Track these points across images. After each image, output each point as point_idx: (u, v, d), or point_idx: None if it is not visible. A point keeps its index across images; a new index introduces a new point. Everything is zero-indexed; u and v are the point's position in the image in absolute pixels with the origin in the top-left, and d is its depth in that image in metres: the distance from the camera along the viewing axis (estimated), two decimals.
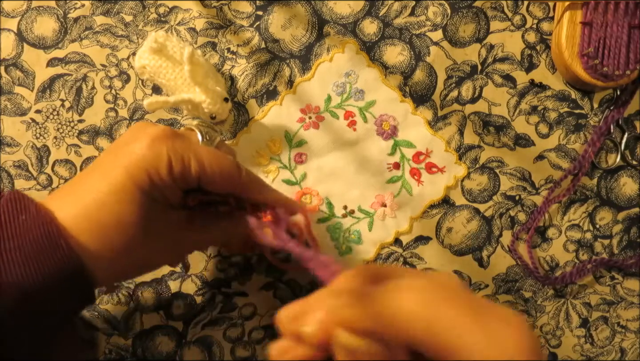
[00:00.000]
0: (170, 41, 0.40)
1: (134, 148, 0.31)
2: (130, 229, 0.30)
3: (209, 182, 0.32)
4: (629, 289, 0.47)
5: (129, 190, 0.30)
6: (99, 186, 0.30)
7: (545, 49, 0.45)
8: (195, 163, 0.31)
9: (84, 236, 0.28)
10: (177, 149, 0.31)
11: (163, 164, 0.30)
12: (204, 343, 0.45)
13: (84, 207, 0.29)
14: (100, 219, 0.29)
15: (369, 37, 0.44)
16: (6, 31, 0.42)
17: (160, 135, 0.31)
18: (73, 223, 0.28)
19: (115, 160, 0.31)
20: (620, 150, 0.46)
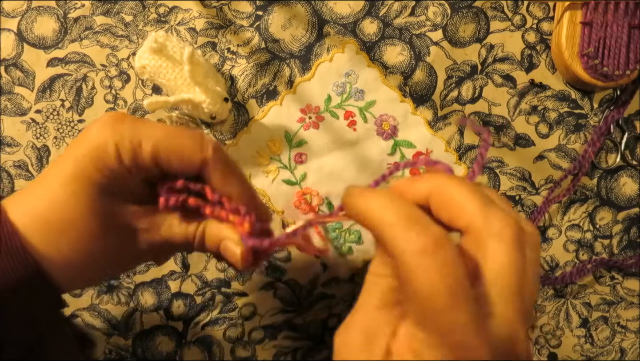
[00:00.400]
0: (170, 41, 0.40)
1: (85, 139, 0.28)
2: (82, 226, 0.27)
3: (167, 165, 0.28)
4: (629, 289, 0.47)
5: (79, 182, 0.27)
6: (51, 179, 0.27)
7: (545, 49, 0.45)
8: (148, 144, 0.27)
9: (34, 236, 0.26)
10: (125, 132, 0.27)
11: (110, 151, 0.27)
12: (204, 343, 0.45)
13: (34, 204, 0.27)
14: (49, 217, 0.27)
15: (369, 37, 0.44)
16: (6, 31, 0.42)
17: (107, 120, 0.28)
18: (24, 222, 0.26)
19: (70, 150, 0.28)
20: (620, 150, 0.46)
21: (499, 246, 0.22)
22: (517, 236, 0.22)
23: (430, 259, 0.21)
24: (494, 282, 0.22)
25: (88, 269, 0.29)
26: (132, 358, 0.45)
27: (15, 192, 0.30)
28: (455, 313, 0.20)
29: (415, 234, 0.21)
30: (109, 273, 0.34)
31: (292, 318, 0.45)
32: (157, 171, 0.28)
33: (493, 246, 0.22)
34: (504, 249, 0.22)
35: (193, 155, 0.28)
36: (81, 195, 0.27)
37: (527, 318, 0.23)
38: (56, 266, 0.27)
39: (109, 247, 0.28)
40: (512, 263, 0.22)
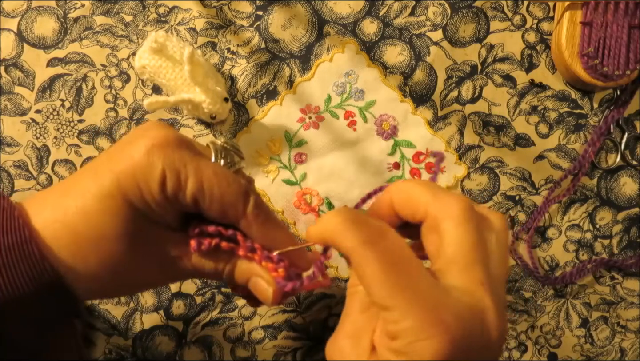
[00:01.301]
0: (170, 41, 0.40)
1: (130, 152, 0.26)
2: (112, 244, 0.26)
3: (206, 208, 0.27)
4: (628, 289, 0.47)
5: (116, 200, 0.26)
6: (85, 190, 0.26)
7: (545, 49, 0.45)
8: (193, 183, 0.26)
9: (60, 246, 0.26)
10: (175, 162, 0.26)
11: (155, 177, 0.26)
12: (204, 343, 0.45)
13: (64, 213, 0.26)
14: (80, 230, 0.26)
15: (369, 37, 0.44)
16: (6, 31, 0.42)
17: (161, 141, 0.26)
18: (50, 229, 0.26)
19: (108, 163, 0.27)
20: (620, 150, 0.46)
21: (450, 224, 0.24)
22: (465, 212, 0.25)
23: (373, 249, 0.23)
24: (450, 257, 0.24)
25: (112, 284, 0.28)
26: (132, 358, 0.45)
27: (42, 191, 0.28)
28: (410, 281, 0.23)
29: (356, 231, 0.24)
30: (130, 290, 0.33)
31: (292, 318, 0.45)
32: (193, 209, 0.28)
33: (445, 225, 0.25)
34: (454, 225, 0.24)
35: (234, 208, 0.27)
36: (117, 214, 0.26)
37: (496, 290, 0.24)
38: (80, 278, 0.26)
39: (136, 267, 0.28)
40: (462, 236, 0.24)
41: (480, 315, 0.23)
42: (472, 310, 0.23)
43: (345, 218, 0.25)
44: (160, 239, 0.28)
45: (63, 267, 0.26)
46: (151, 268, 0.28)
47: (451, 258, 0.24)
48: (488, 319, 0.23)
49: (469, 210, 0.25)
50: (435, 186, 0.26)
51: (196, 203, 0.27)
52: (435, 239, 0.25)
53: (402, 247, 0.24)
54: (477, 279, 0.24)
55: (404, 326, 0.22)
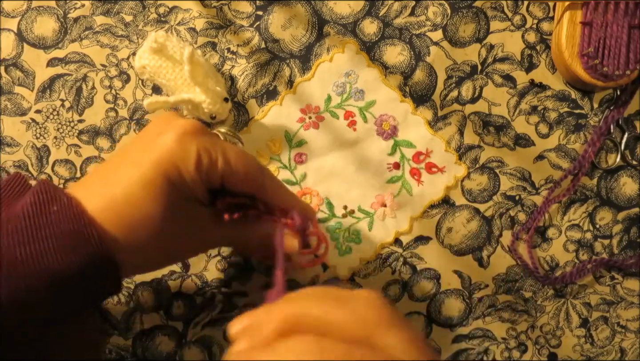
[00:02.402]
0: (170, 41, 0.40)
1: (165, 140, 0.30)
2: (158, 223, 0.30)
3: (233, 181, 0.32)
4: (629, 289, 0.47)
5: (159, 185, 0.29)
6: (128, 178, 0.30)
7: (545, 49, 0.45)
8: (222, 160, 0.31)
9: (112, 229, 0.29)
10: (206, 145, 0.31)
11: (192, 159, 0.30)
12: (204, 343, 0.45)
13: (111, 199, 0.29)
14: (128, 213, 0.29)
15: (369, 37, 0.44)
16: (6, 31, 0.43)
17: (190, 129, 0.31)
18: (101, 215, 0.29)
19: (144, 152, 0.30)
20: (620, 150, 0.46)
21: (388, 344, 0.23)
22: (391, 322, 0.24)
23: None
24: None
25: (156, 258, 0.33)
26: (132, 358, 0.45)
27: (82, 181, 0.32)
28: None
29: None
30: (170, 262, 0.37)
31: None
32: (218, 185, 0.32)
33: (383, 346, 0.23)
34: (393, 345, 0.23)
35: (255, 181, 0.33)
36: (159, 197, 0.29)
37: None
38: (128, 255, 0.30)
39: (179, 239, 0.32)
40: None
41: None
42: None
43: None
44: (196, 214, 0.32)
45: (115, 246, 0.29)
46: (190, 239, 0.33)
47: None
48: None
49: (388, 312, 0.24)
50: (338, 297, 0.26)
51: (224, 179, 0.32)
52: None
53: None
54: None
55: None
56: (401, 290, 0.46)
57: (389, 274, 0.45)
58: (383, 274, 0.45)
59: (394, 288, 0.46)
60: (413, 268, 0.46)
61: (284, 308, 0.24)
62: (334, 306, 0.24)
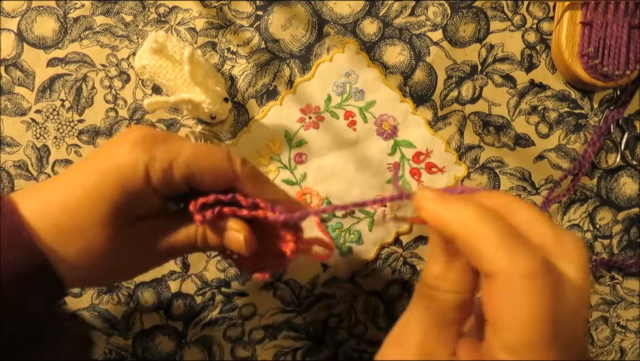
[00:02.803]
0: (170, 41, 0.40)
1: (113, 155, 0.29)
2: (91, 237, 0.28)
3: (199, 183, 0.29)
4: (629, 289, 0.47)
5: (98, 199, 0.28)
6: (69, 187, 0.28)
7: (545, 49, 0.45)
8: (179, 167, 0.28)
9: (46, 235, 0.27)
10: (156, 155, 0.28)
11: (139, 175, 0.28)
12: (204, 343, 0.45)
13: (48, 206, 0.28)
14: (61, 222, 0.28)
15: (369, 37, 0.44)
16: (6, 31, 0.42)
17: (138, 141, 0.29)
18: (36, 220, 0.27)
19: (92, 164, 0.29)
20: (620, 150, 0.46)
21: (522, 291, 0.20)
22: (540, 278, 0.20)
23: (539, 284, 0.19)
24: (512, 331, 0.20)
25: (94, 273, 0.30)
26: (132, 358, 0.45)
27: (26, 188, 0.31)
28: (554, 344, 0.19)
29: (522, 255, 0.20)
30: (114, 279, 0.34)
31: (292, 318, 0.45)
32: (185, 188, 0.30)
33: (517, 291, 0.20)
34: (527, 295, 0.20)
35: (225, 173, 0.29)
36: (96, 209, 0.28)
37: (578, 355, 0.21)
38: (64, 266, 0.28)
39: (117, 257, 0.29)
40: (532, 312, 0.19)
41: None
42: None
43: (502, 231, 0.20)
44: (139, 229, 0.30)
45: (50, 253, 0.27)
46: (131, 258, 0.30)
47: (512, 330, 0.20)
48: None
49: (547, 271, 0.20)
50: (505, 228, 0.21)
51: (189, 181, 0.29)
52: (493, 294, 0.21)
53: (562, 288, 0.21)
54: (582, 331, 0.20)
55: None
56: (401, 290, 0.46)
57: (389, 274, 0.45)
58: (383, 274, 0.45)
59: (394, 288, 0.46)
60: (413, 268, 0.46)
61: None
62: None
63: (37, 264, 0.27)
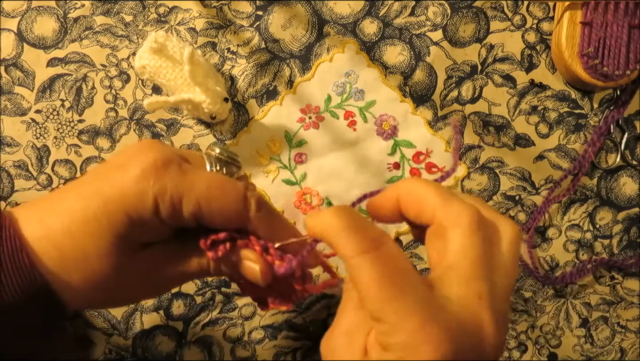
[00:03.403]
0: (170, 41, 0.40)
1: (120, 179, 0.27)
2: (95, 265, 0.27)
3: (207, 222, 0.28)
4: (629, 289, 0.47)
5: (103, 226, 0.26)
6: (72, 210, 0.27)
7: (545, 49, 0.45)
8: (189, 202, 0.27)
9: (49, 261, 0.26)
10: (167, 186, 0.26)
11: (148, 205, 0.26)
12: (204, 343, 0.45)
13: (50, 229, 0.26)
14: (64, 248, 0.26)
15: (369, 37, 0.44)
16: (6, 31, 0.42)
17: (150, 167, 0.27)
18: (38, 244, 0.26)
19: (97, 185, 0.27)
20: (620, 150, 0.46)
21: (456, 233, 0.24)
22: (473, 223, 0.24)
23: (368, 258, 0.23)
24: (452, 267, 0.24)
25: (98, 299, 0.29)
26: (132, 358, 0.45)
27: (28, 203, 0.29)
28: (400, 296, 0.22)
29: (354, 238, 0.24)
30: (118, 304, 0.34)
31: (292, 318, 0.45)
32: (194, 225, 0.28)
33: (451, 234, 0.24)
34: (460, 234, 0.24)
35: (237, 215, 0.28)
36: (101, 237, 0.26)
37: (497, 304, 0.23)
38: (66, 290, 0.27)
39: (123, 284, 0.28)
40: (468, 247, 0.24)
41: (476, 330, 0.23)
42: (466, 325, 0.23)
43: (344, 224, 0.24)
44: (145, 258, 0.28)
45: (51, 278, 0.26)
46: (138, 285, 0.29)
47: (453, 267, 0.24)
48: (484, 334, 0.23)
49: (478, 221, 0.24)
50: (446, 191, 0.26)
51: (197, 220, 0.27)
52: (439, 246, 0.25)
53: (398, 257, 0.24)
54: (476, 292, 0.23)
55: (395, 340, 0.22)
56: None
57: None
58: None
59: None
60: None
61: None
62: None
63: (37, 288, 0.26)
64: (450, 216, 0.25)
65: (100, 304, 0.31)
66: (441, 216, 0.25)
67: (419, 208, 0.26)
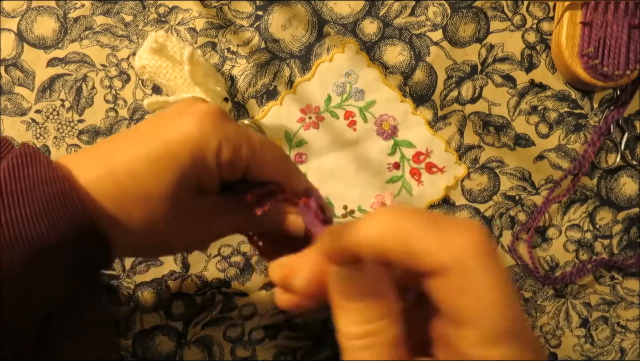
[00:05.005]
0: (170, 41, 0.40)
1: (182, 122, 0.27)
2: (156, 205, 0.27)
3: (258, 171, 0.29)
4: (629, 289, 0.47)
5: (166, 166, 0.27)
6: (134, 152, 0.27)
7: (545, 49, 0.45)
8: (247, 150, 0.28)
9: (106, 199, 0.26)
10: (230, 133, 0.28)
11: (212, 148, 0.27)
12: (204, 343, 0.45)
13: (111, 170, 0.27)
14: (126, 187, 0.26)
15: (369, 37, 0.44)
16: (6, 31, 0.43)
17: (212, 114, 0.28)
18: (97, 184, 0.26)
19: (157, 130, 0.28)
20: (620, 150, 0.46)
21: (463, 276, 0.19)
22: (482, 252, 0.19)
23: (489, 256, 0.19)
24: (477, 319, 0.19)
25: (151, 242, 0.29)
26: (132, 358, 0.45)
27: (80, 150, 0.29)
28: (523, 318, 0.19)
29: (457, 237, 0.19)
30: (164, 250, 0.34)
31: (292, 318, 0.45)
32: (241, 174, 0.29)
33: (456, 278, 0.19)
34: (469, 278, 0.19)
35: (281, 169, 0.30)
36: (164, 177, 0.27)
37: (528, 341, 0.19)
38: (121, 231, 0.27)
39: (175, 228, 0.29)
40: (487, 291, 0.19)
41: None
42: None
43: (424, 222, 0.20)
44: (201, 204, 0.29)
45: (105, 219, 0.26)
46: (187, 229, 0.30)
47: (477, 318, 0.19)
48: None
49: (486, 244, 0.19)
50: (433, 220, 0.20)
51: (248, 169, 0.29)
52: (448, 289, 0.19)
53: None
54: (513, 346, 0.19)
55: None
56: None
57: None
58: None
59: None
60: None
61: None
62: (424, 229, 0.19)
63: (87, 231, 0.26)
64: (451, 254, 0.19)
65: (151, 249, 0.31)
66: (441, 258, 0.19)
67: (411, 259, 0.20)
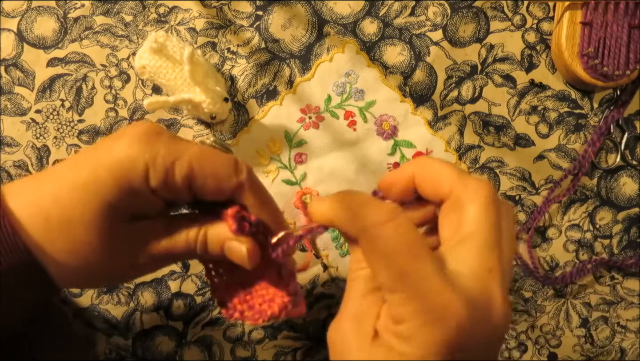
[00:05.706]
0: (170, 41, 0.40)
1: (113, 147, 0.27)
2: (78, 232, 0.26)
3: (201, 189, 0.27)
4: (628, 289, 0.47)
5: (92, 192, 0.26)
6: (62, 178, 0.27)
7: (545, 49, 0.45)
8: (182, 167, 0.26)
9: (33, 227, 0.26)
10: (159, 152, 0.26)
11: (138, 172, 0.26)
12: (204, 343, 0.45)
13: (39, 197, 0.26)
14: (51, 214, 0.26)
15: (369, 37, 0.44)
16: (6, 31, 0.43)
17: (141, 135, 0.27)
18: (24, 211, 0.26)
19: (89, 155, 0.27)
20: (620, 150, 0.46)
21: (474, 206, 0.24)
22: (490, 197, 0.25)
23: (388, 226, 0.23)
24: (466, 238, 0.24)
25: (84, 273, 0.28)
26: (132, 358, 0.45)
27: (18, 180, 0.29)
28: (417, 264, 0.23)
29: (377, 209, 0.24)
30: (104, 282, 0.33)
31: (292, 318, 0.45)
32: (186, 194, 0.28)
33: (468, 206, 0.25)
34: (477, 207, 0.24)
35: (229, 178, 0.27)
36: (88, 204, 0.26)
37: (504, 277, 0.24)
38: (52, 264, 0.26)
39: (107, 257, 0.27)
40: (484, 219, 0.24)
41: (486, 302, 0.23)
42: (478, 297, 0.23)
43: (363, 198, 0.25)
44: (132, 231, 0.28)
45: (35, 248, 0.26)
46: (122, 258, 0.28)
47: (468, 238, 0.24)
48: (493, 306, 0.23)
49: (494, 196, 0.25)
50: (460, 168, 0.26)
51: (189, 185, 0.27)
52: (454, 219, 0.25)
53: (410, 230, 0.24)
54: (488, 265, 0.24)
55: (409, 309, 0.22)
56: None
57: None
58: None
59: None
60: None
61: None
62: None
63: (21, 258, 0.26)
64: (468, 190, 0.25)
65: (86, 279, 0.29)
66: (459, 190, 0.25)
67: (435, 183, 0.26)
